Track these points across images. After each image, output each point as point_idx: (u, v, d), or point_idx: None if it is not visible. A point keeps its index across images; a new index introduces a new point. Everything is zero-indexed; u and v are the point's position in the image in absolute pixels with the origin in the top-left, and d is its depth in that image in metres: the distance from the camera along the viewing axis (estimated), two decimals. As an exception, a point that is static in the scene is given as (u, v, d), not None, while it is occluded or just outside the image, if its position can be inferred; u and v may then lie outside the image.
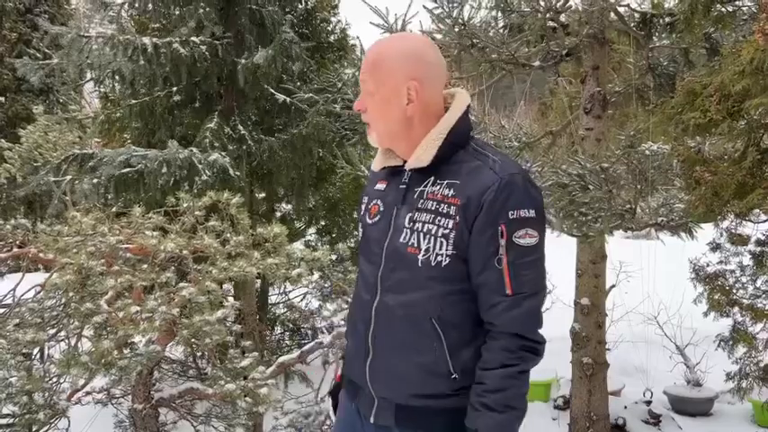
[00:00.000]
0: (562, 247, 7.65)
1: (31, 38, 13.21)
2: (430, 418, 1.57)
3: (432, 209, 1.55)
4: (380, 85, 1.58)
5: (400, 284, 1.57)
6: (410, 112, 1.59)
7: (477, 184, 1.52)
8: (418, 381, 1.56)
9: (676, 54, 5.54)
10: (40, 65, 4.92)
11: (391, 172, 1.68)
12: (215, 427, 4.45)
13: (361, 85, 1.60)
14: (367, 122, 1.63)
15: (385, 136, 1.63)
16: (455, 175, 1.56)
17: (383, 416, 1.63)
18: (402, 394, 1.59)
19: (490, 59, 3.89)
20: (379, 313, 1.60)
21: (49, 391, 3.32)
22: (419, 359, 1.55)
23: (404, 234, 1.57)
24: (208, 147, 4.66)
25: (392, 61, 1.59)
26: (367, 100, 1.60)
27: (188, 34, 4.87)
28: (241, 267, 2.93)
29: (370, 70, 1.60)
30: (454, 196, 1.53)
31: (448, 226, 1.52)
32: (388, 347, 1.59)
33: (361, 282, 1.69)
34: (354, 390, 1.72)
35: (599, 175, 3.46)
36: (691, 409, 5.90)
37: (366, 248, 1.67)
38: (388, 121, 1.60)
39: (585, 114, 4.96)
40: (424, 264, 1.53)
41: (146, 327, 2.59)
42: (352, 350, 1.71)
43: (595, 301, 5.20)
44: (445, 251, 1.52)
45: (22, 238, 3.56)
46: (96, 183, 4.42)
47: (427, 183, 1.58)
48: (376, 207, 1.67)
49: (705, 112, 3.15)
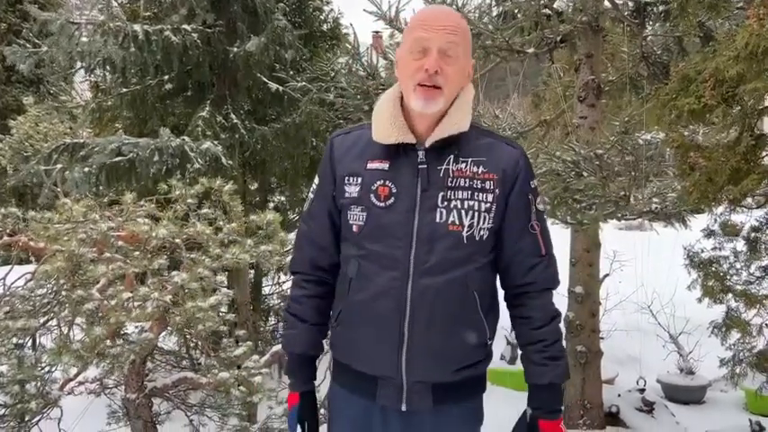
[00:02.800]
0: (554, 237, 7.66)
1: (21, 28, 13.08)
2: (465, 388, 1.65)
3: (466, 186, 1.58)
4: (466, 52, 1.61)
5: (442, 264, 1.56)
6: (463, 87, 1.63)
7: (504, 158, 1.61)
8: (462, 355, 1.62)
9: (670, 43, 5.54)
10: (30, 52, 4.86)
11: (393, 150, 1.60)
12: (209, 417, 4.42)
13: (447, 44, 1.54)
14: (436, 86, 1.54)
15: (446, 104, 1.59)
16: (476, 152, 1.61)
17: (418, 400, 1.61)
18: (444, 372, 1.61)
19: (484, 46, 3.86)
20: (416, 298, 1.56)
21: (41, 380, 3.29)
22: (465, 333, 1.60)
23: (439, 213, 1.57)
24: (200, 135, 4.62)
25: (470, 36, 1.66)
26: (447, 63, 1.54)
27: (179, 22, 4.82)
28: (234, 254, 2.90)
29: (463, 35, 1.60)
30: (486, 172, 1.59)
31: (488, 200, 1.58)
32: (432, 329, 1.57)
33: (372, 269, 1.59)
34: (372, 384, 1.63)
35: (593, 161, 3.45)
36: (684, 397, 5.93)
37: (379, 234, 1.58)
38: (457, 90, 1.61)
39: (579, 103, 4.96)
40: (469, 239, 1.57)
41: (138, 314, 2.56)
42: (369, 342, 1.61)
43: (589, 290, 5.21)
44: (487, 225, 1.59)
45: (12, 227, 3.52)
46: (87, 172, 4.38)
47: (448, 161, 1.59)
48: (386, 189, 1.58)
49: (699, 98, 3.13)
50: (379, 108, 1.64)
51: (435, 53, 1.53)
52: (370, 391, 1.64)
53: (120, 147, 4.36)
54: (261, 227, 3.24)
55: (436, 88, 1.54)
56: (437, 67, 1.53)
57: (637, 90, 5.76)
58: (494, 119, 5.74)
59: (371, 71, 4.53)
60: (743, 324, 4.33)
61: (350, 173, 1.64)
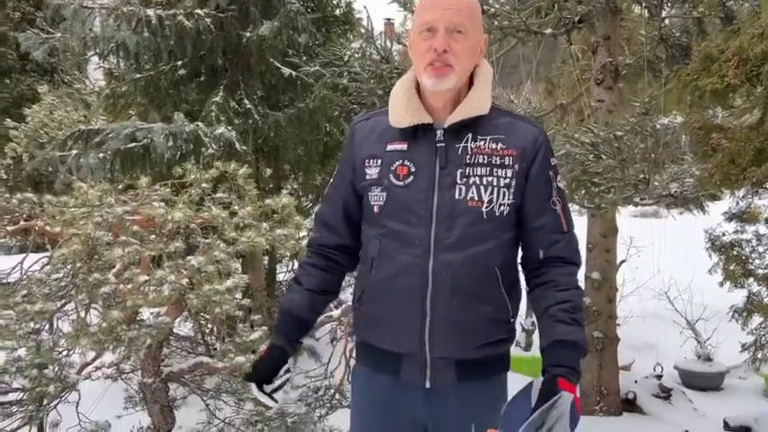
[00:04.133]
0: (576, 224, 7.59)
1: (35, 17, 13.11)
2: (489, 365, 1.65)
3: (485, 162, 1.59)
4: (475, 29, 1.62)
5: (463, 240, 1.58)
6: (475, 64, 1.64)
7: (524, 135, 1.62)
8: (484, 331, 1.62)
9: (689, 24, 5.44)
10: (44, 39, 4.85)
11: (411, 131, 1.63)
12: (224, 402, 4.44)
13: (453, 24, 1.57)
14: (446, 64, 1.57)
15: (460, 81, 1.62)
16: (495, 130, 1.62)
17: (442, 376, 1.63)
18: (466, 348, 1.61)
19: (501, 26, 3.80)
20: (437, 274, 1.58)
21: (59, 364, 3.31)
22: (486, 309, 1.60)
23: (458, 190, 1.59)
24: (213, 120, 4.60)
25: (479, 12, 1.66)
26: (456, 41, 1.57)
27: (192, 6, 4.79)
28: (250, 238, 2.89)
29: (470, 11, 1.62)
30: (505, 148, 1.60)
31: (507, 175, 1.59)
32: (454, 305, 1.58)
33: (394, 247, 1.61)
34: (395, 361, 1.65)
35: (612, 143, 3.39)
36: (701, 384, 5.88)
37: (400, 212, 1.61)
38: (469, 67, 1.62)
39: (597, 86, 4.88)
40: (489, 215, 1.59)
41: (154, 297, 2.56)
42: (394, 319, 1.62)
43: (606, 276, 5.16)
44: (507, 200, 1.60)
45: (28, 212, 3.53)
46: (102, 158, 4.38)
47: (466, 139, 1.61)
48: (405, 168, 1.61)
49: (722, 78, 3.07)
50: (395, 93, 1.68)
51: (443, 32, 1.56)
52: (394, 369, 1.65)
53: (134, 132, 4.36)
54: (276, 211, 3.22)
55: (447, 66, 1.57)
56: (445, 45, 1.56)
57: (655, 73, 5.66)
58: (509, 103, 5.67)
59: (385, 54, 4.48)
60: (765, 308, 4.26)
61: (369, 155, 1.68)
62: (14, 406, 3.51)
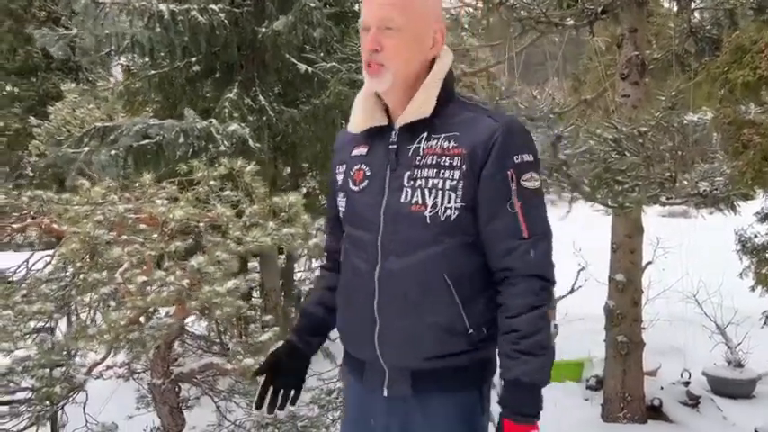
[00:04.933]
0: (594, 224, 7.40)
1: (60, 16, 13.26)
2: (448, 378, 1.53)
3: (433, 163, 1.50)
4: (412, 20, 1.50)
5: (406, 245, 1.50)
6: (430, 57, 1.54)
7: (479, 131, 1.49)
8: (434, 342, 1.51)
9: (720, 16, 5.22)
10: (60, 35, 4.83)
11: (372, 134, 1.58)
12: (236, 404, 4.37)
13: (381, 21, 1.48)
14: (378, 63, 1.49)
15: (400, 79, 1.51)
16: (451, 127, 1.52)
17: (398, 386, 1.56)
18: (417, 359, 1.52)
19: (520, 18, 3.66)
20: (383, 279, 1.53)
21: (65, 364, 3.26)
22: (433, 319, 1.50)
23: (404, 194, 1.51)
24: (226, 117, 4.53)
25: (422, 3, 1.54)
26: (388, 37, 1.48)
27: (206, 1, 4.73)
28: (255, 237, 2.80)
29: (402, 5, 1.49)
30: (456, 147, 1.49)
31: (454, 177, 1.48)
32: (399, 312, 1.51)
33: (352, 252, 1.60)
34: (359, 366, 1.62)
35: (636, 140, 3.23)
36: (731, 391, 5.66)
37: (355, 217, 1.60)
38: (410, 62, 1.52)
39: (622, 80, 4.70)
40: (433, 220, 1.49)
41: (153, 298, 2.48)
42: (352, 325, 1.61)
43: (631, 278, 4.98)
44: (454, 204, 1.48)
45: (36, 210, 3.49)
46: (114, 155, 4.34)
47: (420, 139, 1.54)
48: (361, 172, 1.58)
49: (755, 70, 2.91)
50: (356, 98, 1.63)
51: (374, 29, 1.49)
52: (359, 374, 1.63)
53: (145, 129, 4.30)
54: (284, 209, 3.12)
55: (379, 65, 1.50)
56: (375, 44, 1.49)
57: (684, 68, 5.45)
58: (532, 99, 5.52)
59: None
60: (799, 314, 4.05)
61: (339, 161, 1.67)
62: (23, 405, 3.47)
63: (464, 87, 12.55)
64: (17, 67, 13.56)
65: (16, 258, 3.86)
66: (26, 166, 11.77)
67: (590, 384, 5.69)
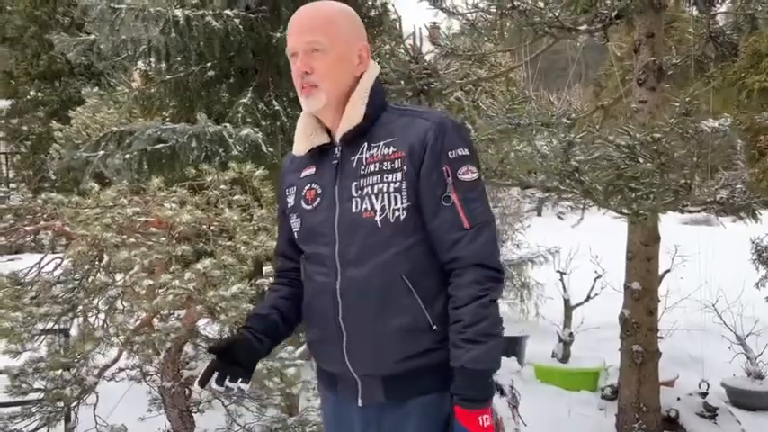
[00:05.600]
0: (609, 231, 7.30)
1: (83, 22, 13.48)
2: (420, 379, 1.56)
3: (376, 170, 1.57)
4: (337, 43, 1.59)
5: (363, 253, 1.55)
6: (358, 73, 1.62)
7: (414, 132, 1.57)
8: (401, 344, 1.54)
9: (741, 21, 5.14)
10: (78, 41, 4.90)
11: (317, 154, 1.65)
12: (246, 407, 4.37)
13: (307, 44, 1.58)
14: (311, 84, 1.59)
15: (333, 97, 1.60)
16: (388, 134, 1.59)
17: (371, 394, 1.59)
18: (387, 364, 1.56)
19: (532, 23, 3.63)
20: (345, 291, 1.58)
21: (76, 366, 3.28)
22: (398, 321, 1.54)
23: (354, 204, 1.57)
24: (240, 122, 4.56)
25: (346, 20, 1.63)
26: (315, 59, 1.57)
27: (221, 7, 4.77)
28: (262, 242, 2.80)
29: (324, 27, 1.59)
30: (396, 151, 1.56)
31: (397, 179, 1.55)
32: (364, 321, 1.56)
33: (311, 269, 1.66)
34: (331, 379, 1.67)
35: (650, 146, 3.18)
36: (751, 403, 5.54)
37: (310, 235, 1.66)
38: (340, 80, 1.60)
39: (639, 86, 4.64)
40: (384, 223, 1.55)
41: (160, 301, 2.49)
42: (321, 340, 1.65)
43: (647, 286, 4.90)
44: (401, 205, 1.54)
45: (50, 213, 3.52)
46: (128, 158, 4.38)
47: (361, 150, 1.60)
48: (312, 192, 1.65)
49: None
50: (298, 122, 1.71)
51: (301, 54, 1.59)
52: (333, 387, 1.68)
53: (158, 133, 4.34)
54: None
55: (312, 86, 1.59)
56: (305, 67, 1.58)
57: (703, 73, 5.37)
58: (548, 104, 5.47)
59: (414, 55, 4.35)
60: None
61: (289, 184, 1.74)
62: (34, 406, 3.50)
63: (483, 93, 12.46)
64: (41, 72, 13.79)
65: (31, 261, 3.92)
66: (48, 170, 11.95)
67: (605, 394, 5.61)
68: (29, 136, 13.94)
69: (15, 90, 14.36)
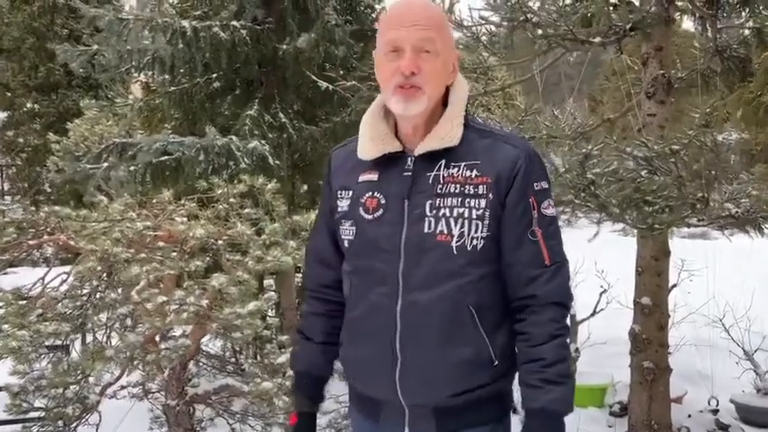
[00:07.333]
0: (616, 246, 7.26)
1: (81, 34, 13.42)
2: (472, 413, 1.49)
3: (456, 192, 1.47)
4: (446, 47, 1.50)
5: (431, 278, 1.45)
6: (449, 83, 1.53)
7: (502, 159, 1.48)
8: (461, 376, 1.47)
9: (748, 35, 5.13)
10: (81, 51, 4.84)
11: (382, 161, 1.53)
12: (251, 426, 4.27)
13: (420, 41, 1.44)
14: (415, 86, 1.45)
15: (432, 103, 1.50)
16: (471, 155, 1.49)
17: (420, 425, 1.50)
18: (442, 395, 1.48)
19: (546, 35, 3.59)
20: (406, 314, 1.47)
21: (79, 384, 3.19)
22: (461, 353, 1.46)
23: (427, 223, 1.46)
24: (247, 134, 4.49)
25: (448, 27, 1.56)
26: (424, 60, 1.45)
27: (228, 18, 4.72)
28: (275, 257, 2.73)
29: (438, 27, 1.48)
30: (480, 176, 1.47)
31: (480, 206, 1.46)
32: (425, 349, 1.46)
33: (365, 285, 1.54)
34: (374, 407, 1.57)
35: (668, 159, 3.13)
36: (761, 420, 5.45)
37: (367, 248, 1.53)
38: (440, 87, 1.51)
39: (648, 99, 4.61)
40: (460, 250, 1.45)
41: (172, 319, 2.41)
42: (367, 363, 1.54)
43: (657, 301, 4.84)
44: (480, 233, 1.46)
45: (53, 226, 3.44)
46: (133, 171, 4.30)
47: (439, 166, 1.49)
48: (375, 200, 1.52)
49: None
50: (363, 122, 1.60)
51: (410, 52, 1.45)
52: (374, 414, 1.58)
53: (165, 146, 4.27)
54: (305, 228, 3.05)
55: (416, 88, 1.46)
56: (413, 67, 1.45)
57: (708, 87, 5.35)
58: (553, 119, 5.44)
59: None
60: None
61: (342, 186, 1.61)
62: (35, 425, 3.40)
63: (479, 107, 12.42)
64: (38, 84, 13.71)
65: (32, 275, 3.82)
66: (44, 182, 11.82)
67: (613, 411, 5.53)
68: (25, 148, 13.83)
69: (12, 102, 14.26)
